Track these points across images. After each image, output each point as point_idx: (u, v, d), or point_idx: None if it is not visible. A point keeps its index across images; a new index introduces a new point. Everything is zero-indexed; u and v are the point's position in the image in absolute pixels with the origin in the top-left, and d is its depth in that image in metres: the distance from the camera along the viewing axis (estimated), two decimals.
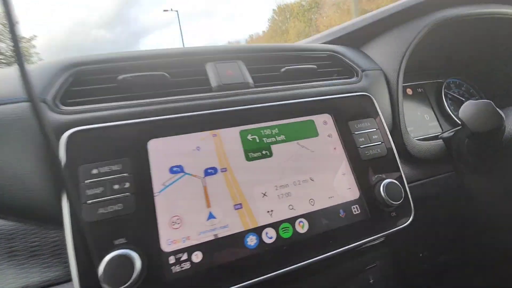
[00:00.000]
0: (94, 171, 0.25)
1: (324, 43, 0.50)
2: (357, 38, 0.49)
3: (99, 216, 0.24)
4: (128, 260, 0.22)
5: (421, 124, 0.56)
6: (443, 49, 0.58)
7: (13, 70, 0.32)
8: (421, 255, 0.46)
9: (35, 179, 0.26)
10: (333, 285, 0.35)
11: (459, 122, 0.41)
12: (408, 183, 0.36)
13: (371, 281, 0.38)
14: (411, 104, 0.58)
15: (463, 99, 0.61)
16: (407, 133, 0.41)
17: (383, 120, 0.37)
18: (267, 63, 0.40)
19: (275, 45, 0.42)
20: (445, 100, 0.59)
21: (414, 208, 0.34)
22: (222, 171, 0.29)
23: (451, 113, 0.58)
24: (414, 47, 0.44)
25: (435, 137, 0.47)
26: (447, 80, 0.62)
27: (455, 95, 0.61)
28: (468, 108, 0.33)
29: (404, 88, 0.59)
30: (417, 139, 0.51)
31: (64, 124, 0.27)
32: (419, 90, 0.60)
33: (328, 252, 0.29)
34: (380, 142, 0.35)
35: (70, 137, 0.26)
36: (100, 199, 0.25)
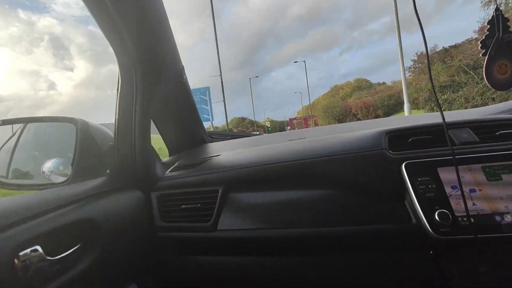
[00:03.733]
0: (419, 179, 0.64)
1: None
2: None
3: (427, 197, 0.62)
4: (447, 214, 0.58)
5: None
6: None
7: (363, 133, 0.77)
8: None
9: (386, 180, 0.67)
10: None
11: None
12: None
13: None
14: None
15: None
16: None
17: None
18: (486, 128, 0.72)
19: (489, 117, 0.74)
20: None
21: None
22: (479, 190, 0.62)
23: None
24: None
25: None
26: None
27: None
28: None
29: None
30: None
31: (399, 159, 0.67)
32: None
33: None
34: None
35: (406, 165, 0.66)
36: (424, 190, 0.62)
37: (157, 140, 1.16)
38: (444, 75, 16.85)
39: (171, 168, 0.91)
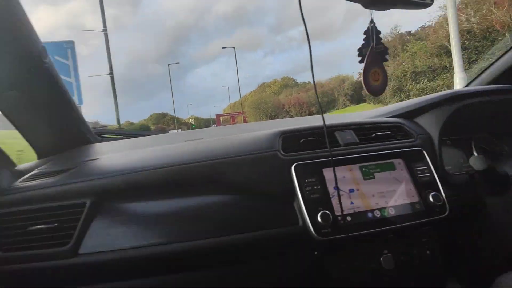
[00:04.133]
0: (306, 180, 0.64)
1: (392, 116, 0.87)
2: (413, 113, 0.85)
3: (312, 198, 0.62)
4: (328, 215, 0.59)
5: (457, 164, 0.87)
6: (475, 115, 0.90)
7: (259, 133, 0.74)
8: (460, 242, 0.75)
9: (279, 182, 0.65)
10: (406, 247, 0.67)
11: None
12: (447, 197, 0.68)
13: (428, 251, 0.69)
14: (451, 150, 0.90)
15: (487, 148, 0.91)
16: (444, 169, 0.74)
17: (429, 163, 0.71)
18: (365, 130, 0.77)
19: (369, 120, 0.80)
20: (475, 148, 0.90)
21: (450, 210, 0.66)
22: (356, 189, 0.65)
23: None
24: (448, 119, 0.78)
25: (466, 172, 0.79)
26: (477, 134, 0.93)
27: (482, 146, 0.91)
28: (472, 159, 0.66)
29: (446, 140, 0.91)
30: (455, 173, 0.83)
31: (289, 160, 0.66)
32: (457, 141, 0.92)
33: (405, 223, 0.63)
34: (429, 174, 0.69)
35: (295, 166, 0.65)
36: (310, 191, 0.62)
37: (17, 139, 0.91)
38: (422, 56, 12.58)
39: (24, 177, 0.71)
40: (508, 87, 0.85)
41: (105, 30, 8.94)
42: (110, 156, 0.77)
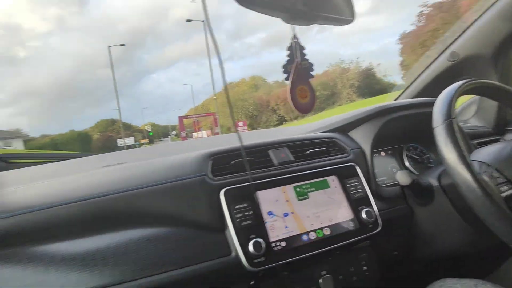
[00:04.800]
0: (237, 206, 0.59)
1: (327, 131, 0.87)
2: (346, 128, 0.86)
3: (244, 225, 0.57)
4: (260, 243, 0.55)
5: (391, 175, 0.91)
6: (403, 127, 0.94)
7: (187, 156, 0.67)
8: (395, 253, 0.77)
9: (208, 211, 0.60)
10: (344, 266, 0.66)
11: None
12: (379, 210, 0.69)
13: (365, 267, 0.68)
14: (384, 161, 0.93)
15: (418, 158, 0.96)
16: (376, 183, 0.75)
17: (362, 178, 0.71)
18: (300, 147, 0.76)
19: (304, 136, 0.79)
20: (406, 158, 0.94)
21: (382, 224, 0.67)
22: (291, 213, 0.62)
23: (410, 167, 0.93)
24: (378, 133, 0.80)
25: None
26: (407, 145, 0.98)
27: (413, 155, 0.97)
28: (398, 174, 0.68)
29: (380, 151, 0.94)
30: (387, 185, 0.86)
31: (219, 185, 0.61)
32: (389, 152, 0.96)
33: (341, 243, 0.61)
34: (362, 189, 0.70)
35: (225, 192, 0.60)
36: (242, 218, 0.58)
37: None
38: None
39: None
40: (429, 100, 0.91)
41: None
42: (12, 189, 0.64)
